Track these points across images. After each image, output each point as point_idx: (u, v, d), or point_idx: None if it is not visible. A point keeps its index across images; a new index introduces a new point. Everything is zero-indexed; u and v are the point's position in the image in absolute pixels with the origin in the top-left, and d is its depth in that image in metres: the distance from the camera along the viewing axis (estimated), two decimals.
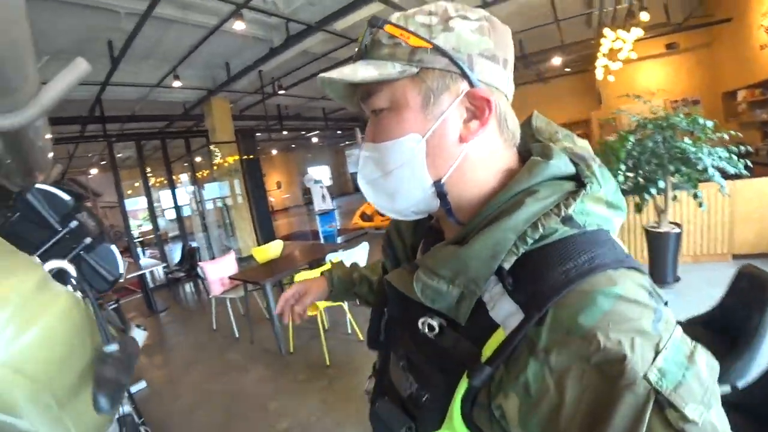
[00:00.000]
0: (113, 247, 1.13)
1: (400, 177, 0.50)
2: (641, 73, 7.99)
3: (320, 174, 17.95)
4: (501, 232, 0.43)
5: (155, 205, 8.34)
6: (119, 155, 10.53)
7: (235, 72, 6.23)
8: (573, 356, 0.38)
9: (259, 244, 8.25)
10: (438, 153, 0.49)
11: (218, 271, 4.58)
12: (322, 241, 7.87)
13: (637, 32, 4.95)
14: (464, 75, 0.47)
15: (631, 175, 3.37)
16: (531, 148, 0.53)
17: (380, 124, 0.50)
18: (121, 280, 1.08)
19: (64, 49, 4.37)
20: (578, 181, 0.48)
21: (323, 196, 8.22)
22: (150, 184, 8.45)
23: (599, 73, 5.87)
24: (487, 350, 0.43)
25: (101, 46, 4.69)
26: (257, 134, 9.79)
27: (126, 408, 2.34)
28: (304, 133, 13.06)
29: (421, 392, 0.51)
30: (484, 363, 0.42)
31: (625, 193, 3.28)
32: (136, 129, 7.90)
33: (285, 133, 11.58)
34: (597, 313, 0.38)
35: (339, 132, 13.63)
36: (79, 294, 0.76)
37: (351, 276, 0.96)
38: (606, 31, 5.19)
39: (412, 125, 0.48)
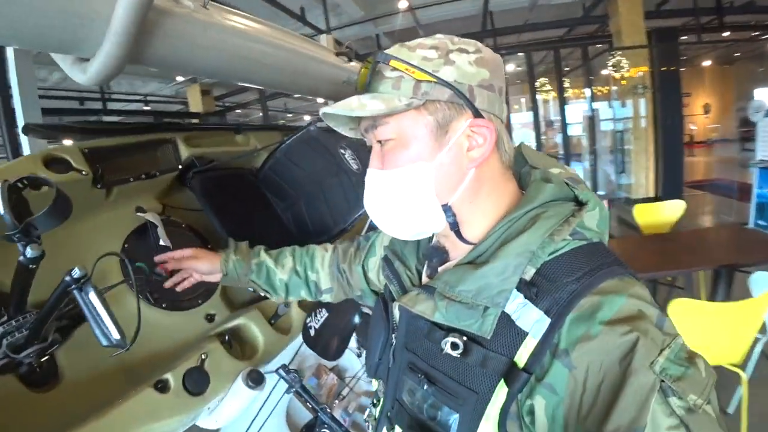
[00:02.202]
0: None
1: (408, 201, 0.55)
2: None
3: None
4: (521, 247, 0.49)
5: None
6: (519, 68, 10.76)
7: None
8: (593, 350, 0.43)
9: (656, 189, 6.51)
10: (445, 179, 0.53)
11: None
12: (752, 211, 4.68)
13: None
14: (468, 105, 0.51)
15: None
16: (529, 172, 0.59)
17: (389, 153, 0.54)
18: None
19: None
20: (575, 202, 0.55)
21: None
22: (540, 99, 8.15)
23: None
24: (520, 358, 0.47)
25: None
26: (681, 38, 7.35)
27: None
28: (757, 33, 8.88)
29: (449, 415, 0.51)
30: (522, 369, 0.46)
31: None
32: (528, 41, 7.59)
33: (726, 34, 8.17)
34: (613, 309, 0.44)
35: None
36: None
37: (250, 262, 0.94)
38: None
39: (420, 154, 0.52)
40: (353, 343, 2.20)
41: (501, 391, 0.47)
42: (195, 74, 0.99)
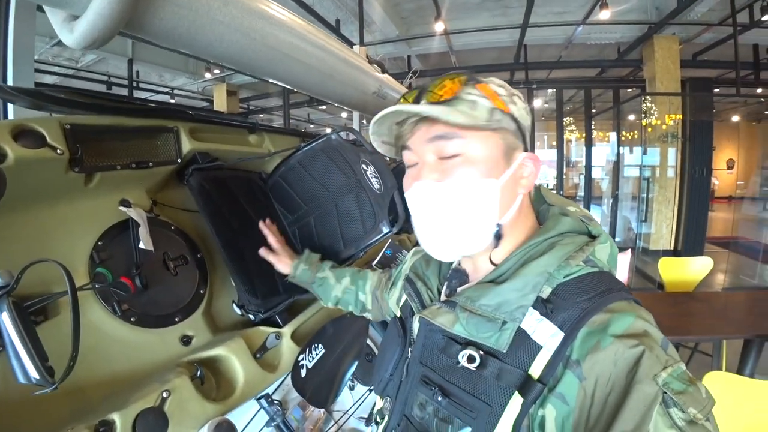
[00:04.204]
0: None
1: (470, 216, 0.56)
2: None
3: None
4: (539, 268, 0.53)
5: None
6: (546, 105, 10.66)
7: None
8: (602, 361, 0.45)
9: (676, 242, 6.29)
10: (504, 199, 0.57)
11: None
12: None
13: None
14: (523, 140, 0.59)
15: None
16: (547, 209, 0.65)
17: (454, 168, 0.56)
18: None
19: None
20: (588, 236, 0.60)
21: None
22: (565, 138, 8.01)
23: None
24: (534, 370, 0.49)
25: None
26: (715, 90, 7.18)
27: None
28: None
29: (460, 429, 0.52)
30: (537, 380, 0.48)
31: None
32: (560, 78, 7.51)
33: (759, 90, 7.99)
34: (622, 325, 0.47)
35: None
36: None
37: (315, 274, 1.04)
38: None
39: (490, 172, 0.56)
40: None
41: (514, 404, 0.49)
42: (209, 56, 0.85)
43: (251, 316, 1.06)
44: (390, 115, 0.57)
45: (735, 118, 13.21)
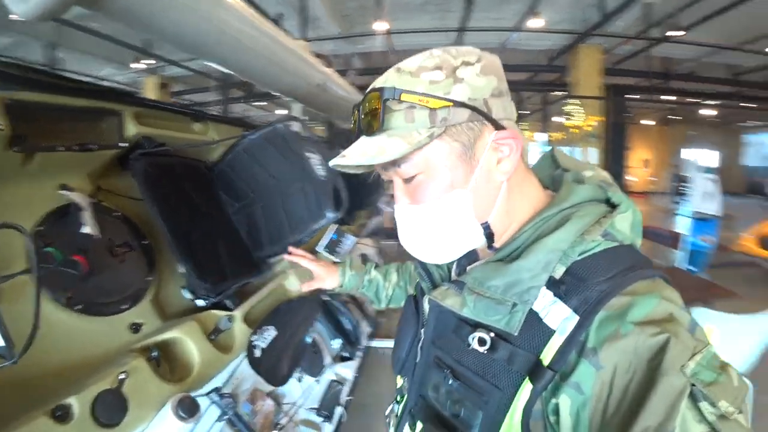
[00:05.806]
0: None
1: (449, 230, 0.53)
2: None
3: (705, 160, 13.42)
4: (552, 244, 0.48)
5: None
6: None
7: (611, 8, 4.91)
8: (622, 350, 0.41)
9: None
10: (483, 199, 0.51)
11: None
12: (683, 257, 4.90)
13: None
14: (488, 119, 0.48)
15: None
16: (561, 175, 0.58)
17: (419, 188, 0.51)
18: None
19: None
20: (608, 204, 0.54)
21: (709, 194, 4.95)
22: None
23: None
24: (545, 356, 0.45)
25: None
26: (627, 96, 7.93)
27: None
28: (693, 101, 9.87)
29: (472, 412, 0.50)
30: (546, 367, 0.45)
31: None
32: None
33: (666, 98, 8.96)
34: (644, 310, 0.42)
35: (742, 105, 9.60)
36: None
37: (363, 277, 0.99)
38: None
39: (453, 182, 0.50)
40: None
41: (525, 389, 0.46)
42: (163, 38, 0.85)
43: (202, 301, 1.06)
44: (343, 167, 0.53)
45: (649, 122, 14.65)
